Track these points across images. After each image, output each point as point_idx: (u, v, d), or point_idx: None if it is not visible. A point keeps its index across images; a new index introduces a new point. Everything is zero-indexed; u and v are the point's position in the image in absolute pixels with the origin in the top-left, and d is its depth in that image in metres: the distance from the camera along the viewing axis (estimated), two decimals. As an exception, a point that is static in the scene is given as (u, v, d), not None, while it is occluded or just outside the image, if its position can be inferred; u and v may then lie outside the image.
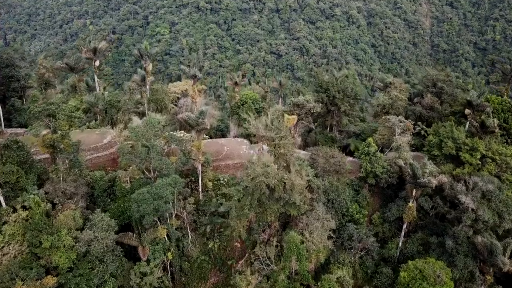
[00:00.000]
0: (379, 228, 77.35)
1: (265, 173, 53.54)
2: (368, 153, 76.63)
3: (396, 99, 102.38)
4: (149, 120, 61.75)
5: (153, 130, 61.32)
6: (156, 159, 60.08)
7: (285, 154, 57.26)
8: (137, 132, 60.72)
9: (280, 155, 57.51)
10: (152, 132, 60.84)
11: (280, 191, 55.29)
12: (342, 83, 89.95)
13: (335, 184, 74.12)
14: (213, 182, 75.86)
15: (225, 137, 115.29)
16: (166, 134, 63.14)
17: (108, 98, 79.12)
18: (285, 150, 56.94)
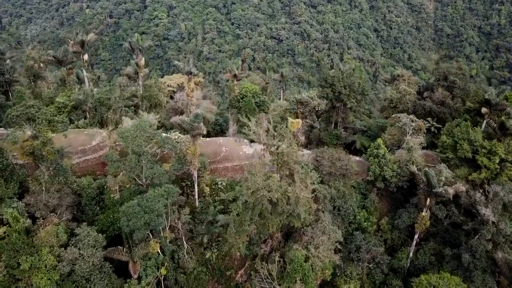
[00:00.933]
0: (387, 235, 72.55)
1: (266, 186, 48.22)
2: (377, 155, 71.26)
3: (404, 93, 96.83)
4: (140, 123, 56.09)
5: (144, 134, 55.73)
6: (148, 168, 54.74)
7: (289, 162, 51.82)
8: (126, 137, 55.17)
9: (283, 163, 52.11)
10: (143, 138, 55.29)
11: (284, 205, 50.12)
12: (348, 78, 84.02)
13: (342, 190, 69.01)
14: (210, 187, 70.79)
15: (224, 132, 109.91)
16: (159, 138, 57.44)
17: (98, 96, 73.36)
18: (289, 158, 51.50)
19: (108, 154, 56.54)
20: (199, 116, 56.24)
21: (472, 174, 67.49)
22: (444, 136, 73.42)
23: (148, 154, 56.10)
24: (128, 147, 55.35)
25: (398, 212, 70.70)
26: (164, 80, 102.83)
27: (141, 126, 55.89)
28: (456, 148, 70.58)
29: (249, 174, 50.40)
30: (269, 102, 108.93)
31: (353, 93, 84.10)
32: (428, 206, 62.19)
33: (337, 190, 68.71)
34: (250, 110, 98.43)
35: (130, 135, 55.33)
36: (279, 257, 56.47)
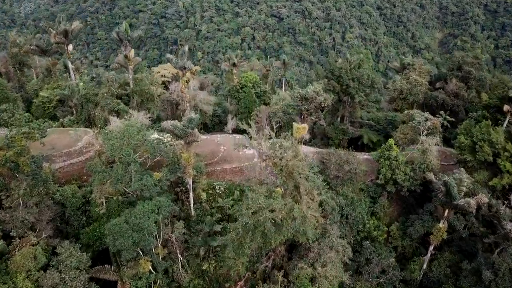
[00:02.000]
0: (398, 242, 67.22)
1: (269, 205, 42.55)
2: (389, 158, 65.39)
3: (415, 84, 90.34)
4: (127, 129, 50.03)
5: (132, 142, 49.74)
6: (136, 179, 48.95)
7: (294, 175, 46.04)
8: (112, 145, 49.20)
9: (288, 176, 46.34)
10: (130, 145, 49.32)
11: (289, 224, 44.57)
12: (357, 70, 77.45)
13: (350, 196, 63.45)
14: (207, 192, 65.18)
15: (222, 123, 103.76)
16: (149, 145, 51.45)
17: (84, 91, 66.96)
18: (294, 171, 45.70)
19: (91, 164, 50.65)
20: (193, 121, 50.12)
21: (493, 180, 61.94)
22: (462, 136, 67.32)
23: (137, 163, 50.18)
24: (115, 156, 49.37)
25: (411, 219, 65.22)
26: (157, 69, 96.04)
27: (128, 132, 49.76)
28: (475, 149, 64.70)
29: (249, 190, 44.68)
30: (270, 92, 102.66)
31: (362, 86, 77.70)
32: (446, 217, 56.77)
33: (345, 196, 63.15)
34: (250, 102, 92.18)
35: (116, 142, 49.25)
36: (282, 276, 51.30)
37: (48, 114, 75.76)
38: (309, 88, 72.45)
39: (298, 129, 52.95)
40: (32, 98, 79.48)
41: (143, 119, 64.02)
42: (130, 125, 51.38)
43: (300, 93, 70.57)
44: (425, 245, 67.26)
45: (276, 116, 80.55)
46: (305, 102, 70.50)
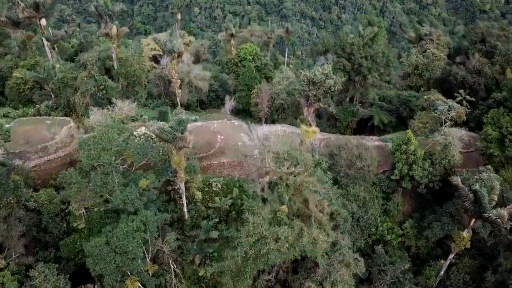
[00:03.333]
0: (412, 241, 61.42)
1: (273, 234, 35.84)
2: (406, 152, 58.17)
3: (433, 58, 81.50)
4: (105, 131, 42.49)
5: (113, 148, 42.36)
6: (119, 192, 42.01)
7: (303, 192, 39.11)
8: (88, 152, 41.87)
9: (296, 192, 39.41)
10: (110, 152, 42.00)
11: (296, 252, 38.09)
12: (371, 47, 68.57)
13: (362, 196, 56.87)
14: (202, 190, 58.50)
15: (220, 98, 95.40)
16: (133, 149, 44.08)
17: (61, 75, 58.54)
18: (304, 188, 38.73)
19: (64, 174, 43.34)
20: (183, 123, 42.48)
21: (524, 179, 55.14)
22: (489, 126, 59.79)
23: (119, 171, 43.06)
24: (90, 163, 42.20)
25: (427, 219, 59.10)
26: (147, 41, 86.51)
27: (107, 136, 42.22)
28: (504, 143, 57.50)
29: (250, 212, 37.83)
30: (271, 64, 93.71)
31: (376, 65, 69.11)
32: (471, 227, 50.44)
33: (356, 196, 56.58)
34: (250, 79, 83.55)
35: (94, 148, 41.87)
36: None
37: (24, 97, 67.72)
38: (317, 69, 63.91)
39: (308, 132, 45.27)
40: (7, 77, 70.96)
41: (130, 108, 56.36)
42: (110, 127, 43.64)
43: (307, 75, 62.08)
44: (441, 245, 61.73)
45: (278, 97, 72.48)
46: (313, 87, 62.24)
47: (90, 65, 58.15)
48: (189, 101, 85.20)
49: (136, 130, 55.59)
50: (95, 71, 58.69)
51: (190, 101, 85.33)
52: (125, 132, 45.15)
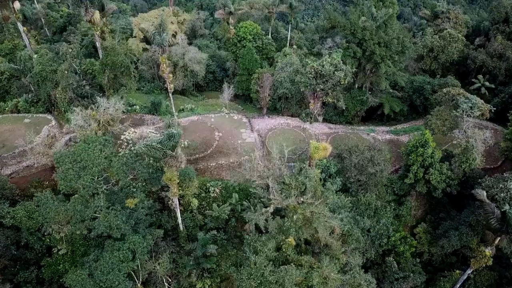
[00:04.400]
0: (424, 247, 57.08)
1: (280, 279, 30.99)
2: (422, 154, 52.76)
3: (450, 40, 74.76)
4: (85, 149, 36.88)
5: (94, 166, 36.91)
6: (102, 218, 36.91)
7: (314, 224, 34.03)
8: (65, 174, 36.45)
9: (305, 224, 34.34)
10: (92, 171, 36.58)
11: None
12: (385, 32, 61.60)
13: (374, 205, 51.93)
14: (199, 196, 53.48)
15: (217, 79, 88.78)
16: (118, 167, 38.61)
17: (39, 68, 52.17)
18: (315, 220, 33.61)
19: (39, 197, 37.98)
20: (174, 138, 36.75)
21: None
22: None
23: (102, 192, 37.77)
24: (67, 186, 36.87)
25: (443, 226, 54.49)
26: (138, 20, 78.73)
27: (88, 154, 36.62)
28: (532, 146, 52.07)
29: (251, 248, 32.83)
30: (273, 44, 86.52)
31: (390, 52, 62.37)
32: (496, 244, 45.78)
33: (367, 204, 51.64)
34: (251, 62, 76.88)
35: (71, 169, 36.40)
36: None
37: (1, 88, 61.48)
38: (326, 59, 57.44)
39: (317, 149, 39.46)
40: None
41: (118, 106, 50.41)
42: (91, 141, 37.93)
43: (314, 68, 55.71)
44: (457, 252, 57.43)
45: (282, 86, 66.15)
46: (320, 80, 55.96)
47: (70, 58, 51.56)
48: (185, 86, 78.94)
49: (124, 133, 49.93)
50: (77, 64, 52.18)
51: (185, 86, 79.06)
52: (108, 147, 39.32)
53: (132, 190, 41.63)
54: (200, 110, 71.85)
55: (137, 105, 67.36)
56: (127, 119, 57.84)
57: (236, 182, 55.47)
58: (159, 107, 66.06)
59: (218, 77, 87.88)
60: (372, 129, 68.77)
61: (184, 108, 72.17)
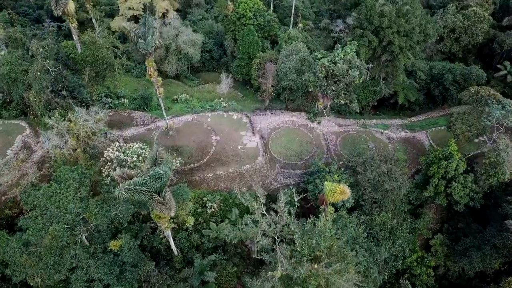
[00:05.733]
0: (440, 260, 52.62)
1: None
2: (446, 167, 46.91)
3: (475, 20, 66.76)
4: (56, 192, 30.93)
5: (67, 213, 31.16)
6: (80, 274, 31.59)
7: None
8: (34, 220, 30.79)
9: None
10: (65, 219, 30.89)
11: None
12: (406, 18, 53.65)
13: (389, 225, 46.69)
14: (195, 212, 48.00)
15: (215, 59, 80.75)
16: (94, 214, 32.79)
17: (7, 69, 44.94)
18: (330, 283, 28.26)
19: (4, 248, 32.25)
20: (162, 178, 30.66)
21: None
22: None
23: (80, 240, 32.24)
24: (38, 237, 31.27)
25: (464, 243, 49.80)
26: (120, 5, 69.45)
27: (62, 199, 30.68)
28: None
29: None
30: (276, 21, 77.93)
31: (411, 41, 54.71)
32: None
33: (382, 224, 46.38)
34: (251, 45, 68.92)
35: (40, 214, 30.63)
36: None
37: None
38: (338, 54, 49.98)
39: (334, 192, 33.02)
40: None
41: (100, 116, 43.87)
42: (64, 179, 31.83)
43: (325, 65, 48.45)
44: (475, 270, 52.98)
45: (286, 77, 58.88)
46: (332, 80, 48.91)
47: (42, 58, 44.10)
48: (178, 71, 71.46)
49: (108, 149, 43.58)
50: (49, 64, 44.79)
51: (179, 70, 71.57)
52: (85, 184, 33.23)
53: (116, 226, 35.99)
54: (196, 102, 65.00)
55: (126, 97, 60.44)
56: (112, 118, 51.52)
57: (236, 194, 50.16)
58: (150, 101, 59.25)
59: (215, 56, 79.98)
60: (386, 125, 62.37)
61: (178, 98, 65.28)
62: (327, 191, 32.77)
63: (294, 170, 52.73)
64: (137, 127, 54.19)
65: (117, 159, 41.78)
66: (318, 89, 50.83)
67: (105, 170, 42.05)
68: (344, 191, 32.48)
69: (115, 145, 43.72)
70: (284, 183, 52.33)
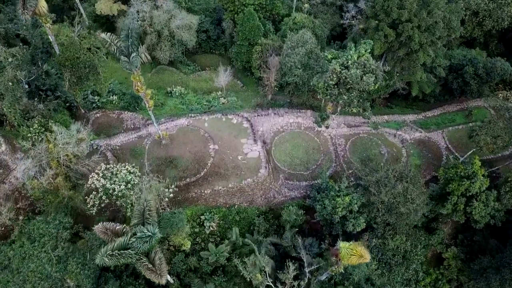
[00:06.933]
0: (453, 273, 49.60)
1: None
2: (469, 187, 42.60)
3: (502, 2, 60.42)
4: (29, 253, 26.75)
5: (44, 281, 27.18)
6: None
7: None
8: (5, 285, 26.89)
9: None
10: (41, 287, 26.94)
11: None
12: (428, 10, 47.16)
13: (403, 249, 43.01)
14: (192, 232, 44.11)
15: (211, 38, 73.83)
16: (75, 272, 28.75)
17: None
18: None
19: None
20: (150, 240, 26.35)
21: None
22: None
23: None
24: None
25: (481, 262, 46.38)
26: None
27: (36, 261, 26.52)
28: None
29: None
30: (280, 0, 70.39)
31: (433, 36, 48.49)
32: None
33: (395, 249, 42.71)
34: (252, 30, 62.21)
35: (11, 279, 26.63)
36: None
37: None
38: (351, 55, 44.06)
39: (351, 255, 28.37)
40: None
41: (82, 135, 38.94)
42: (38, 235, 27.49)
43: (336, 71, 42.71)
44: (490, 283, 49.97)
45: (291, 72, 53.03)
46: (344, 88, 43.38)
47: (11, 68, 38.27)
48: (172, 57, 65.21)
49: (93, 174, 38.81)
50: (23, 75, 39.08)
51: (173, 57, 65.33)
52: (63, 236, 28.88)
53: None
54: (191, 96, 59.49)
55: (115, 91, 54.80)
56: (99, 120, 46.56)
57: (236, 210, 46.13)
58: (141, 100, 53.72)
59: (213, 36, 73.10)
60: (398, 123, 57.32)
61: (172, 91, 59.72)
62: (343, 253, 28.54)
63: (299, 181, 48.30)
64: (127, 133, 49.09)
65: (103, 188, 37.17)
66: (328, 98, 45.33)
67: (90, 199, 37.61)
68: (362, 255, 28.21)
69: (100, 169, 38.87)
70: (289, 196, 48.14)
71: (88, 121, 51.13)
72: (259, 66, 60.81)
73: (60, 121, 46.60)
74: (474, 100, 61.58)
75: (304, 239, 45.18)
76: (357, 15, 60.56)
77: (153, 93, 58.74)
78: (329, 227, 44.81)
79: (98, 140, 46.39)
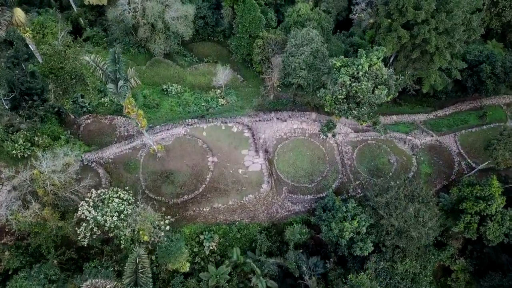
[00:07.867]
0: (461, 286, 48.08)
1: None
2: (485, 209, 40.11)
3: (523, -7, 55.82)
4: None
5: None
6: None
7: None
8: None
9: None
10: None
11: None
12: (447, 11, 42.93)
13: (412, 272, 41.01)
14: (191, 251, 41.92)
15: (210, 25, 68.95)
16: None
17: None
18: None
19: None
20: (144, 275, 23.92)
21: None
22: None
23: None
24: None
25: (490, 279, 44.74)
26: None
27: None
28: None
29: None
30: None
31: (451, 38, 44.43)
32: None
33: (404, 272, 40.71)
34: (253, 22, 57.70)
35: None
36: None
37: None
38: (362, 64, 40.25)
39: None
40: None
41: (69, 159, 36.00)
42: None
43: (345, 84, 39.07)
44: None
45: (295, 73, 49.20)
46: (353, 102, 39.90)
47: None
48: (168, 50, 60.95)
49: (82, 203, 35.98)
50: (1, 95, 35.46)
51: (168, 50, 61.06)
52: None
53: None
54: (188, 94, 55.79)
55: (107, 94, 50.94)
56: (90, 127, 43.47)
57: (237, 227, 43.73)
58: (135, 103, 50.10)
59: (211, 22, 68.36)
60: (407, 125, 54.12)
61: (167, 89, 55.97)
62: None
63: (303, 195, 45.67)
64: (120, 143, 45.80)
65: (93, 220, 34.50)
66: (337, 113, 41.83)
67: (80, 231, 35.01)
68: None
69: (91, 196, 36.05)
70: (292, 210, 45.64)
71: (79, 127, 47.88)
72: (261, 61, 57.02)
73: (48, 133, 43.68)
74: (488, 98, 58.13)
75: (308, 258, 43.25)
76: (367, 8, 55.89)
77: (148, 94, 55.36)
78: (334, 247, 42.69)
79: (89, 153, 43.23)
